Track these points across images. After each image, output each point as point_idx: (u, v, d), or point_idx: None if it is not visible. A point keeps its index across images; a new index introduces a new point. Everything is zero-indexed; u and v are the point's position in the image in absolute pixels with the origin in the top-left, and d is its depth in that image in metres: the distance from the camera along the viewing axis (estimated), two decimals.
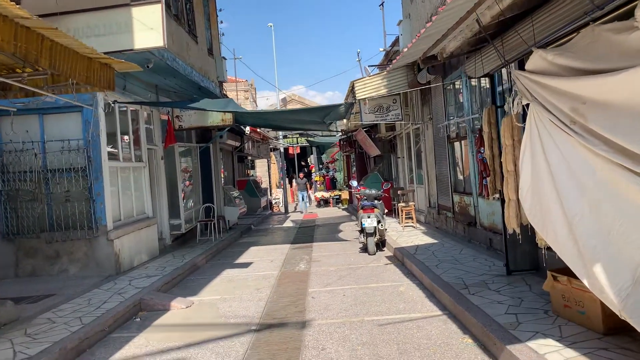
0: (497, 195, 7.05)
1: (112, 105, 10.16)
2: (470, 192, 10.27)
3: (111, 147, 10.31)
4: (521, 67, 5.58)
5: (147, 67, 9.95)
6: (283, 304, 7.39)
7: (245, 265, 10.86)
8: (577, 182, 4.02)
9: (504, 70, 7.43)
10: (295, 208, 26.13)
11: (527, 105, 4.85)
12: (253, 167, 28.84)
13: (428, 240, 11.40)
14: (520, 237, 6.24)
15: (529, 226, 6.25)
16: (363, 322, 6.19)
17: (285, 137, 30.58)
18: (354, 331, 5.85)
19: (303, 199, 25.09)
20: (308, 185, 26.50)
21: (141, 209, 11.59)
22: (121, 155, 10.57)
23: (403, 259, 9.62)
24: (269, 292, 8.22)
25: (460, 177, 11.12)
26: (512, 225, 6.11)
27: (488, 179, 6.87)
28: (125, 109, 11.12)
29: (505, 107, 5.89)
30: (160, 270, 9.87)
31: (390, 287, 7.86)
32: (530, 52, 4.87)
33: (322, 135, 31.84)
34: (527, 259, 7.18)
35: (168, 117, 12.87)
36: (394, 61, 13.59)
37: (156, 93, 12.78)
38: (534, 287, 6.45)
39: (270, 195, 28.61)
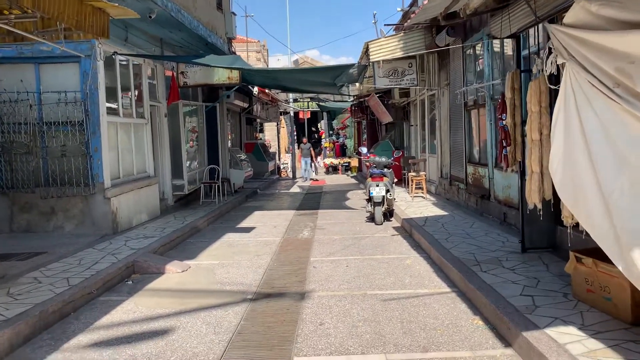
0: (515, 167, 6.53)
1: (113, 56, 9.64)
2: (486, 164, 9.74)
3: (111, 102, 9.85)
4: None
5: (150, 17, 9.39)
6: (283, 273, 7.01)
7: (248, 230, 10.50)
8: (617, 154, 3.51)
9: (531, 32, 6.81)
10: (298, 175, 24.24)
11: (562, 65, 4.29)
12: (262, 131, 28.33)
13: (438, 212, 10.95)
14: (541, 212, 5.74)
15: (551, 201, 5.78)
16: (365, 296, 5.80)
17: (295, 100, 29.93)
18: (355, 305, 5.46)
19: (306, 167, 22.96)
20: (313, 152, 23.84)
21: (142, 167, 11.19)
22: (121, 110, 10.11)
23: (411, 231, 9.20)
24: (269, 259, 7.85)
25: (476, 147, 10.57)
26: (534, 200, 5.61)
27: (508, 148, 6.34)
28: (126, 62, 10.61)
29: (534, 68, 5.32)
30: (159, 231, 9.53)
31: (396, 260, 7.45)
32: (567, 8, 4.29)
33: (334, 101, 31.18)
34: (544, 237, 6.71)
35: (172, 73, 12.34)
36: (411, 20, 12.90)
37: (161, 47, 12.23)
38: (551, 267, 6.00)
39: (279, 159, 28.14)
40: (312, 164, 23.77)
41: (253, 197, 16.72)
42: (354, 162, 27.63)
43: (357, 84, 19.76)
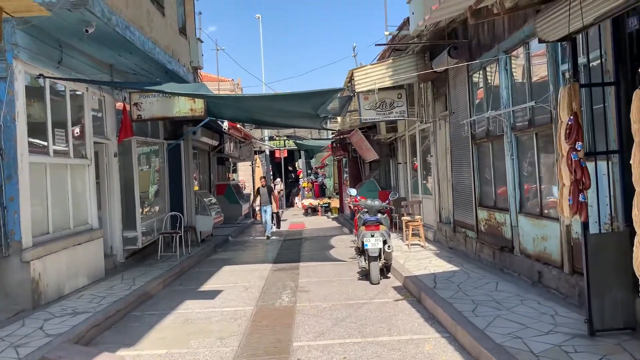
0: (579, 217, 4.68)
1: (38, 80, 7.68)
2: (506, 208, 7.93)
3: (39, 138, 7.84)
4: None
5: (86, 31, 7.49)
6: None
7: (212, 294, 8.40)
8: None
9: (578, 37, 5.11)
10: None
11: None
12: (235, 171, 26.35)
13: (444, 265, 9.04)
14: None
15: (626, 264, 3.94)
16: None
17: (271, 138, 28.21)
18: None
19: (267, 219, 16.38)
20: (276, 197, 18.05)
21: (82, 218, 9.09)
22: (52, 148, 8.07)
23: (420, 295, 7.24)
24: (237, 345, 5.78)
25: (489, 187, 8.78)
26: None
27: (585, 192, 4.49)
28: (63, 90, 8.66)
29: None
30: (96, 302, 7.39)
31: (411, 345, 5.46)
32: None
33: (313, 138, 29.51)
34: (618, 313, 4.83)
35: (124, 105, 10.39)
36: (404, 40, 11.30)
37: (110, 74, 10.30)
38: None
39: (254, 201, 25.99)
40: (277, 214, 18.29)
41: (223, 247, 14.59)
42: (335, 203, 25.77)
43: (339, 119, 18.10)
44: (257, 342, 5.89)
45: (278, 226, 18.70)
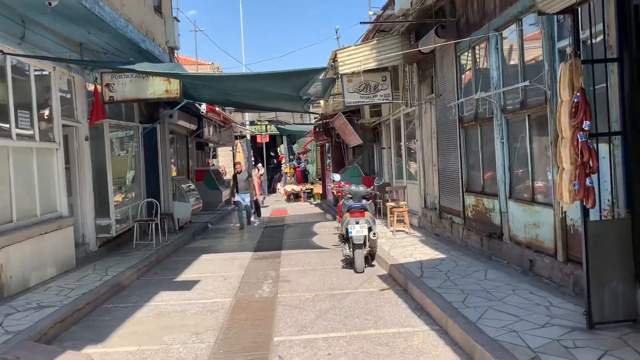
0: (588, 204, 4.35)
1: None
2: (495, 194, 7.64)
3: None
4: None
5: (49, 4, 6.93)
6: None
7: (189, 285, 8.00)
8: None
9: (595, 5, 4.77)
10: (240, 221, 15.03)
11: None
12: (215, 156, 25.79)
13: (431, 252, 8.75)
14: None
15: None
16: None
17: (252, 123, 27.67)
18: None
19: (244, 208, 14.83)
20: (256, 183, 16.73)
21: (50, 205, 8.59)
22: (14, 131, 7.54)
23: (406, 284, 6.94)
24: (214, 341, 5.41)
25: (477, 172, 8.48)
26: None
27: (593, 175, 4.16)
28: (27, 70, 8.10)
29: None
30: (64, 294, 6.95)
31: (400, 339, 5.14)
32: None
33: (295, 123, 29.02)
34: (618, 305, 4.55)
35: (95, 86, 9.84)
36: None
37: (80, 53, 9.72)
38: None
39: (232, 190, 25.43)
40: (256, 201, 16.63)
41: (202, 234, 14.15)
42: (317, 189, 25.39)
43: (322, 102, 17.68)
44: (235, 337, 5.52)
45: (258, 214, 17.32)
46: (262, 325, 5.85)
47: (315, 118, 22.92)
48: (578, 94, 4.10)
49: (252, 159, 30.62)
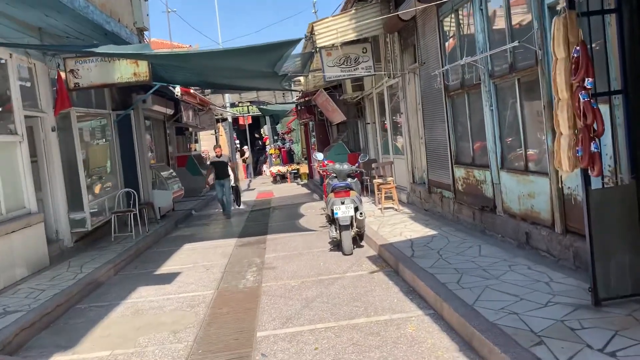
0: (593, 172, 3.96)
1: None
2: (486, 165, 7.26)
3: None
4: None
5: None
6: None
7: (169, 278, 7.58)
8: None
9: None
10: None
11: None
12: (197, 141, 25.18)
13: (421, 230, 8.40)
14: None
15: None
16: None
17: (234, 105, 27.04)
18: None
19: (223, 195, 13.52)
20: (233, 167, 14.81)
21: (17, 202, 8.08)
22: None
23: (397, 265, 6.57)
24: (193, 339, 5.01)
25: (466, 142, 8.09)
26: None
27: (598, 140, 3.74)
28: None
29: None
30: (33, 296, 6.51)
31: (392, 327, 4.77)
32: None
33: (277, 103, 28.44)
34: (625, 278, 4.21)
35: (58, 73, 9.25)
36: None
37: (40, 39, 9.11)
38: None
39: (208, 177, 24.79)
40: (236, 186, 14.97)
41: (185, 222, 13.70)
42: (304, 169, 24.98)
43: (302, 79, 17.14)
44: (215, 334, 5.13)
45: (238, 203, 15.31)
46: (245, 319, 5.46)
47: (296, 97, 22.37)
48: (578, 48, 3.68)
49: (237, 142, 30.04)
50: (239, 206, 15.36)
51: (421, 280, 5.54)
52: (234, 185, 14.54)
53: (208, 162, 22.96)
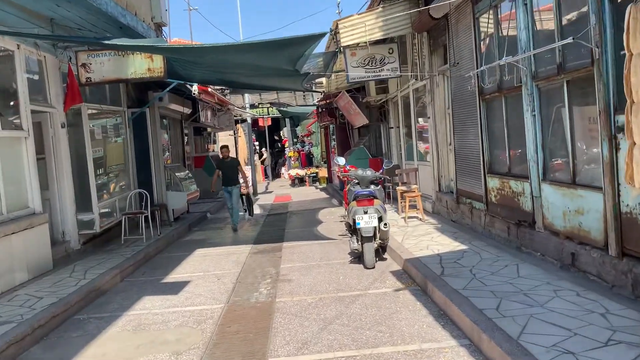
0: None
1: None
2: (524, 175, 6.60)
3: None
4: None
5: None
6: None
7: (177, 288, 7.06)
8: None
9: None
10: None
11: None
12: (215, 142, 24.76)
13: (450, 243, 7.75)
14: None
15: None
16: None
17: (253, 106, 26.60)
18: None
19: (232, 205, 11.95)
20: (243, 172, 12.46)
21: (20, 201, 7.64)
22: None
23: (425, 284, 5.95)
24: None
25: (501, 150, 7.43)
26: None
27: None
28: None
29: None
30: (29, 304, 6.03)
31: (422, 359, 4.16)
32: None
33: (297, 105, 27.93)
34: None
35: (69, 66, 8.83)
36: None
37: (52, 30, 8.69)
38: None
39: (214, 183, 24.23)
40: (246, 195, 13.42)
41: (199, 225, 13.22)
42: (323, 173, 24.43)
43: (324, 81, 16.59)
44: (222, 357, 4.57)
45: (250, 213, 13.74)
46: (256, 341, 4.89)
47: (317, 99, 21.83)
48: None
49: (256, 144, 29.57)
50: (251, 216, 13.77)
51: (455, 305, 4.91)
52: (244, 193, 12.96)
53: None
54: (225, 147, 12.71)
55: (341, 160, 9.07)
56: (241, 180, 12.33)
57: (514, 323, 4.32)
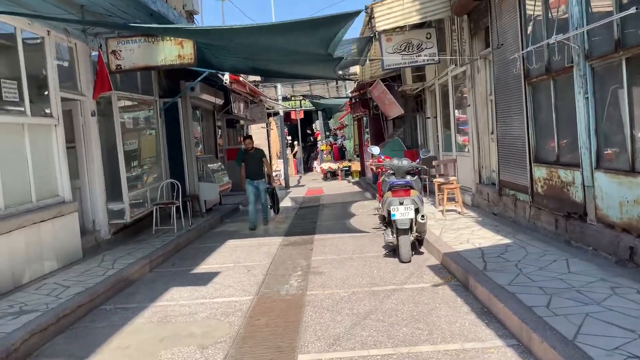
0: None
1: None
2: (576, 163, 6.11)
3: None
4: None
5: None
6: None
7: (206, 278, 6.84)
8: None
9: None
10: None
11: None
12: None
13: (492, 237, 7.30)
14: None
15: None
16: None
17: (286, 99, 26.39)
18: None
19: (256, 199, 11.03)
20: (268, 164, 11.54)
21: (49, 190, 7.56)
22: None
23: (466, 279, 5.55)
24: (221, 359, 4.20)
25: (549, 137, 6.94)
26: None
27: None
28: (12, 33, 7.01)
29: None
30: (56, 293, 5.91)
31: (466, 358, 3.80)
32: None
33: (330, 97, 27.61)
34: None
35: (99, 53, 8.71)
36: None
37: (82, 16, 8.58)
38: None
39: (242, 176, 24.03)
40: (272, 190, 12.14)
41: (231, 217, 13.05)
42: (355, 166, 24.03)
43: (358, 69, 16.21)
44: (249, 352, 4.30)
45: (275, 209, 12.50)
46: (285, 336, 4.61)
47: (351, 90, 21.46)
48: None
49: (288, 136, 29.38)
50: (276, 213, 12.62)
51: (500, 302, 4.52)
52: (271, 188, 11.97)
53: None
54: (249, 138, 11.52)
55: (375, 150, 8.69)
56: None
57: (568, 322, 3.91)
